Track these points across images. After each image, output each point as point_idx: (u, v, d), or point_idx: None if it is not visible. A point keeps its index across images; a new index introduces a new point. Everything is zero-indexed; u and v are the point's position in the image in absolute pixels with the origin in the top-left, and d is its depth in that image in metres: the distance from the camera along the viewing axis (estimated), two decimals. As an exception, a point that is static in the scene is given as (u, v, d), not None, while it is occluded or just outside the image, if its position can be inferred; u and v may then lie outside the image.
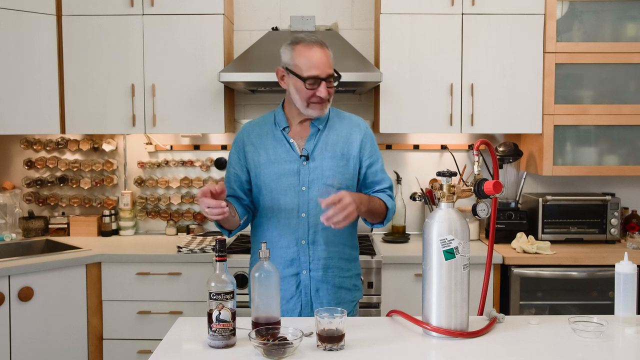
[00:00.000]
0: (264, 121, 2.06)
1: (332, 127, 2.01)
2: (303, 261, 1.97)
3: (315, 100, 1.91)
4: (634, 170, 3.06)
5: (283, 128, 1.99)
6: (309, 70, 1.87)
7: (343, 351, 1.47)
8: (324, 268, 1.97)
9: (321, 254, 1.97)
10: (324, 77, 1.88)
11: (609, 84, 3.03)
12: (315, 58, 1.88)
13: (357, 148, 2.00)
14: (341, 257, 2.01)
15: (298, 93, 1.92)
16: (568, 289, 2.82)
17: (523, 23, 3.01)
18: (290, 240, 1.96)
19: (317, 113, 1.93)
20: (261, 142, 2.01)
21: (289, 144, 1.98)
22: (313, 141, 1.98)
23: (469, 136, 3.39)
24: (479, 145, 1.60)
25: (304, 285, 1.97)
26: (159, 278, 2.85)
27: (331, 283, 1.98)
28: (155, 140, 3.43)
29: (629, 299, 1.66)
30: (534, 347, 1.54)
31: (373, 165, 2.03)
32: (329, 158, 1.96)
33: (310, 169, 1.95)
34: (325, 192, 1.90)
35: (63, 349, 2.75)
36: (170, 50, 3.07)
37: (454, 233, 1.55)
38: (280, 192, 1.96)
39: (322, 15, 3.36)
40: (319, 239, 1.96)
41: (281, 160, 1.97)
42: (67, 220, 3.34)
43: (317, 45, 1.90)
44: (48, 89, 3.04)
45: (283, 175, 1.95)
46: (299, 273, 1.97)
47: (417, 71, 3.04)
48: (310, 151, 1.96)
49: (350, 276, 2.05)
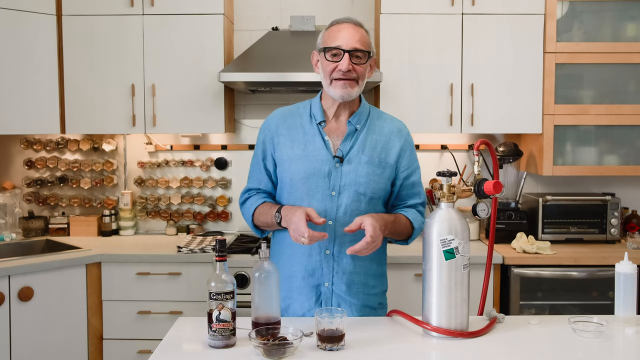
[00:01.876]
0: (297, 111, 1.89)
1: (372, 129, 1.84)
2: (326, 273, 1.80)
3: (337, 75, 1.75)
4: (634, 170, 3.06)
5: (319, 122, 1.83)
6: (333, 42, 1.75)
7: (343, 351, 1.47)
8: (347, 283, 1.81)
9: (346, 267, 1.80)
10: (348, 49, 1.73)
11: (609, 84, 3.03)
12: (343, 32, 1.76)
13: (395, 156, 1.84)
14: (367, 272, 1.84)
15: (323, 70, 1.79)
16: (568, 289, 2.82)
17: (523, 23, 3.01)
18: (313, 248, 1.79)
19: (339, 92, 1.76)
20: (293, 133, 1.84)
21: (323, 141, 1.81)
22: (349, 142, 1.81)
23: (469, 136, 3.39)
24: (479, 145, 1.60)
25: (325, 299, 1.81)
26: (159, 278, 2.85)
27: (355, 300, 1.82)
28: (155, 140, 3.43)
29: (629, 299, 1.66)
30: (534, 347, 1.54)
31: (410, 177, 1.88)
32: (365, 163, 1.80)
33: (343, 173, 1.79)
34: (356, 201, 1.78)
35: (63, 349, 2.75)
36: (170, 50, 3.07)
37: (454, 233, 1.55)
38: (307, 194, 1.79)
39: (322, 15, 3.36)
40: (345, 250, 1.75)
41: (313, 158, 1.80)
42: (67, 220, 3.34)
43: (350, 23, 1.78)
44: (48, 89, 3.04)
45: (313, 176, 1.79)
46: (320, 285, 1.81)
47: (417, 71, 3.04)
48: (346, 153, 1.80)
49: (377, 294, 1.89)
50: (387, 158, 1.84)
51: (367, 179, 1.80)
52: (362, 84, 1.80)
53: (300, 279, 1.82)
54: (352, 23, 1.79)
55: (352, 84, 1.77)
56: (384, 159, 1.83)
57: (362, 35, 1.78)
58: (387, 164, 1.84)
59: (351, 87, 1.77)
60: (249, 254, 2.84)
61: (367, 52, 1.78)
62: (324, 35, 1.82)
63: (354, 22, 1.80)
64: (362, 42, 1.77)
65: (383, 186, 1.83)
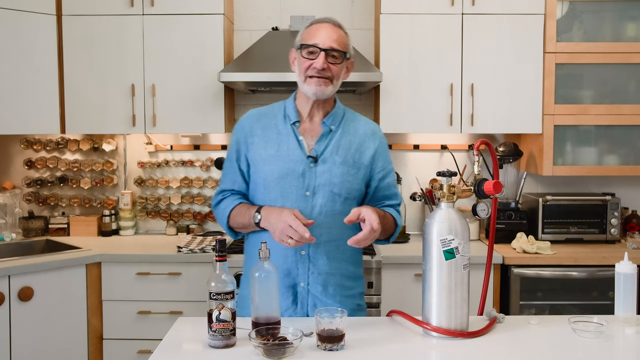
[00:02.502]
0: (272, 111, 1.89)
1: (346, 130, 1.85)
2: (301, 273, 1.80)
3: (312, 72, 1.76)
4: (634, 170, 3.06)
5: (293, 122, 1.83)
6: (311, 39, 1.77)
7: (343, 351, 1.47)
8: (323, 284, 1.81)
9: (322, 268, 1.80)
10: (324, 47, 1.75)
11: (609, 84, 3.03)
12: (321, 31, 1.77)
13: (369, 158, 1.85)
14: (344, 274, 1.85)
15: (298, 67, 1.81)
16: (568, 289, 2.82)
17: (523, 23, 3.01)
18: (288, 249, 1.76)
19: (313, 89, 1.76)
20: (267, 134, 1.83)
21: (297, 141, 1.81)
22: (324, 142, 1.82)
23: (469, 136, 3.39)
24: (479, 145, 1.60)
25: (302, 299, 1.81)
26: (158, 278, 2.85)
27: (331, 301, 1.81)
28: (155, 140, 3.43)
29: (629, 299, 1.65)
30: (534, 347, 1.53)
31: (385, 179, 1.89)
32: (340, 164, 1.80)
33: (318, 173, 1.79)
34: (330, 201, 1.79)
35: (63, 349, 2.75)
36: (170, 50, 3.07)
37: (454, 233, 1.55)
38: (281, 194, 1.79)
39: (322, 15, 3.32)
40: (321, 251, 1.79)
41: (286, 158, 1.80)
42: (67, 220, 3.34)
43: (330, 23, 1.79)
44: (48, 89, 3.04)
45: (287, 176, 1.78)
46: (295, 285, 1.80)
47: (417, 71, 3.04)
48: (320, 152, 1.80)
49: (354, 295, 1.88)
50: (361, 159, 1.84)
51: (342, 179, 1.80)
52: (336, 83, 1.81)
53: None
54: (332, 23, 1.80)
55: (326, 82, 1.78)
56: (358, 160, 1.84)
57: (340, 36, 1.80)
58: (361, 164, 1.84)
59: (325, 85, 1.78)
60: (249, 254, 2.84)
61: (343, 53, 1.79)
62: (303, 34, 1.83)
63: (333, 22, 1.81)
64: (339, 42, 1.78)
65: (357, 187, 1.84)
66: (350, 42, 1.84)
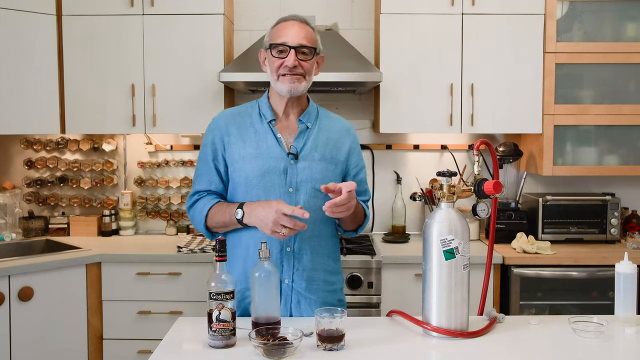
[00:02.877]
0: (245, 111, 1.90)
1: (322, 128, 1.88)
2: (286, 269, 1.80)
3: (284, 71, 1.77)
4: (634, 170, 3.06)
5: (270, 121, 1.84)
6: (279, 38, 1.79)
7: (343, 351, 1.47)
8: (307, 280, 1.82)
9: (306, 264, 1.81)
10: (293, 45, 1.76)
11: (609, 84, 3.03)
12: (289, 29, 1.79)
13: (345, 154, 1.89)
14: (326, 269, 1.87)
15: (270, 67, 1.82)
16: (568, 289, 2.82)
17: (523, 23, 3.01)
18: (274, 246, 1.77)
19: (287, 87, 1.78)
20: (244, 133, 1.84)
21: (275, 139, 1.82)
22: (302, 139, 1.84)
23: (469, 136, 3.39)
24: (479, 145, 1.60)
25: (285, 296, 1.81)
26: (158, 278, 2.85)
27: (314, 297, 1.83)
28: (155, 140, 3.43)
29: (629, 299, 1.66)
30: (534, 347, 1.54)
31: (358, 175, 1.94)
32: (319, 160, 1.82)
33: (299, 169, 1.80)
34: (313, 197, 1.79)
35: (63, 349, 2.75)
36: (170, 50, 3.07)
37: (454, 233, 1.55)
38: (263, 191, 1.79)
39: (322, 15, 3.36)
40: (306, 247, 1.81)
41: (267, 155, 1.80)
42: (67, 220, 3.34)
43: (296, 20, 1.81)
44: (48, 89, 3.04)
45: (268, 173, 1.79)
46: (280, 282, 1.79)
47: (417, 71, 3.04)
48: (299, 149, 1.82)
49: (335, 290, 1.90)
50: (338, 155, 1.88)
51: (322, 175, 1.82)
52: (309, 79, 1.83)
53: None
54: (298, 20, 1.83)
55: (299, 79, 1.79)
56: (336, 156, 1.87)
57: (308, 32, 1.81)
58: (338, 160, 1.88)
59: (298, 82, 1.79)
60: (249, 254, 2.84)
61: (312, 49, 1.81)
62: (270, 33, 1.84)
63: (300, 19, 1.83)
64: (307, 38, 1.80)
65: (336, 182, 1.83)
66: (318, 38, 1.86)
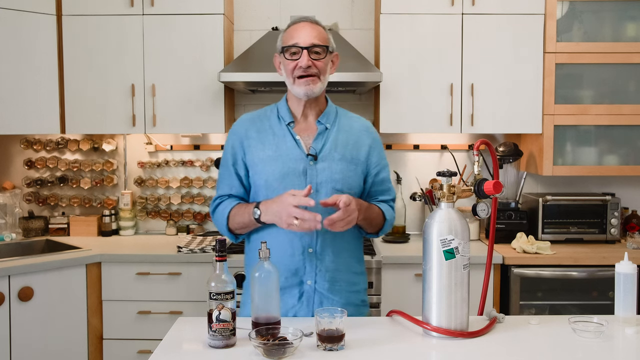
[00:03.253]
0: (265, 115, 1.90)
1: (342, 128, 1.87)
2: (309, 271, 1.79)
3: (299, 72, 1.77)
4: (634, 170, 3.06)
5: (288, 123, 1.84)
6: (291, 40, 1.79)
7: (343, 351, 1.47)
8: (330, 281, 1.81)
9: (329, 265, 1.80)
10: (305, 45, 1.76)
11: (609, 84, 3.03)
12: (300, 30, 1.79)
13: (365, 153, 1.88)
14: (349, 269, 1.86)
15: (285, 70, 1.82)
16: (568, 289, 2.82)
17: (523, 23, 3.01)
18: (295, 248, 1.78)
19: (303, 89, 1.78)
20: (263, 136, 1.84)
21: (294, 141, 1.82)
22: (321, 140, 1.83)
23: (469, 136, 3.39)
24: (479, 145, 1.60)
25: (308, 297, 1.80)
26: (159, 278, 2.85)
27: (337, 297, 1.82)
28: (155, 140, 3.43)
29: (629, 299, 1.65)
30: (534, 347, 1.54)
31: (380, 174, 1.91)
32: (339, 160, 1.81)
33: (319, 170, 1.80)
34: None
35: (63, 349, 2.75)
36: (170, 50, 3.07)
37: (454, 233, 1.55)
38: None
39: (322, 15, 3.36)
40: (328, 248, 1.80)
41: (286, 157, 1.80)
42: (67, 220, 3.34)
43: (307, 21, 1.81)
44: (48, 89, 3.04)
45: (288, 175, 1.79)
46: (303, 283, 1.80)
47: (417, 71, 3.04)
48: (319, 150, 1.81)
49: (358, 291, 1.90)
50: (358, 155, 1.86)
51: (342, 175, 1.81)
52: (324, 79, 1.82)
53: (282, 280, 1.78)
54: (309, 21, 1.82)
55: (314, 80, 1.79)
56: (356, 156, 1.86)
57: (319, 32, 1.81)
58: (358, 160, 1.86)
59: (313, 83, 1.79)
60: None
61: (325, 47, 1.81)
62: (282, 37, 1.84)
63: (310, 20, 1.83)
64: (319, 37, 1.79)
65: (358, 182, 1.86)
66: (330, 37, 1.85)
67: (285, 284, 1.80)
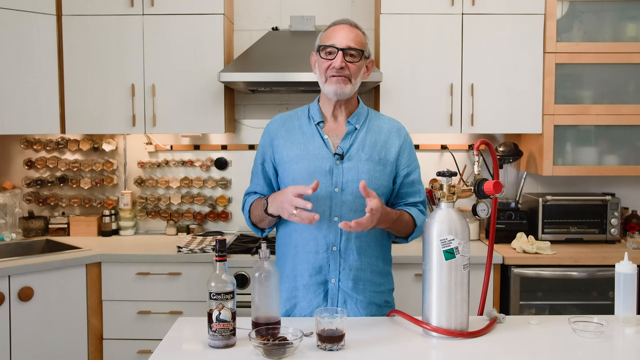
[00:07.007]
0: (296, 115, 1.93)
1: (371, 129, 1.87)
2: (333, 269, 1.80)
3: (332, 72, 1.79)
4: (634, 170, 3.06)
5: (317, 123, 1.86)
6: (327, 40, 1.81)
7: (343, 351, 1.47)
8: (354, 280, 1.81)
9: (353, 264, 1.81)
10: (341, 47, 1.78)
11: (609, 84, 3.03)
12: (338, 31, 1.81)
13: (394, 154, 1.87)
14: (374, 269, 1.85)
15: (319, 68, 1.84)
16: (568, 289, 2.82)
17: (523, 23, 3.01)
18: (320, 245, 1.80)
19: (333, 88, 1.79)
20: (292, 135, 1.87)
21: (322, 140, 1.84)
22: (349, 140, 1.84)
23: (469, 136, 3.39)
24: (479, 145, 1.60)
25: (332, 296, 1.81)
26: (159, 278, 2.85)
27: (361, 297, 1.83)
28: (155, 140, 3.43)
29: (629, 299, 1.66)
30: (534, 347, 1.54)
31: (410, 175, 1.90)
32: (366, 160, 1.82)
33: (345, 170, 1.80)
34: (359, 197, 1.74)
35: (63, 349, 2.75)
36: (170, 50, 3.07)
37: (454, 233, 1.55)
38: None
39: (322, 15, 3.36)
40: (352, 246, 1.80)
41: (313, 156, 1.82)
42: (67, 220, 3.34)
43: (347, 24, 1.83)
44: (48, 89, 3.04)
45: (314, 174, 1.80)
46: (327, 282, 1.81)
47: (417, 71, 3.04)
48: (346, 150, 1.82)
49: (383, 291, 1.89)
50: (387, 156, 1.86)
51: (369, 175, 1.81)
52: (355, 82, 1.83)
53: (307, 277, 1.82)
54: (348, 24, 1.84)
55: (345, 80, 1.80)
56: (384, 157, 1.85)
57: (357, 35, 1.82)
58: (387, 161, 1.86)
59: (344, 83, 1.80)
60: (249, 254, 2.84)
61: (360, 51, 1.81)
62: (321, 36, 1.87)
63: (350, 23, 1.84)
64: (356, 41, 1.81)
65: (385, 183, 1.85)
66: (367, 42, 1.86)
67: (309, 282, 1.82)
